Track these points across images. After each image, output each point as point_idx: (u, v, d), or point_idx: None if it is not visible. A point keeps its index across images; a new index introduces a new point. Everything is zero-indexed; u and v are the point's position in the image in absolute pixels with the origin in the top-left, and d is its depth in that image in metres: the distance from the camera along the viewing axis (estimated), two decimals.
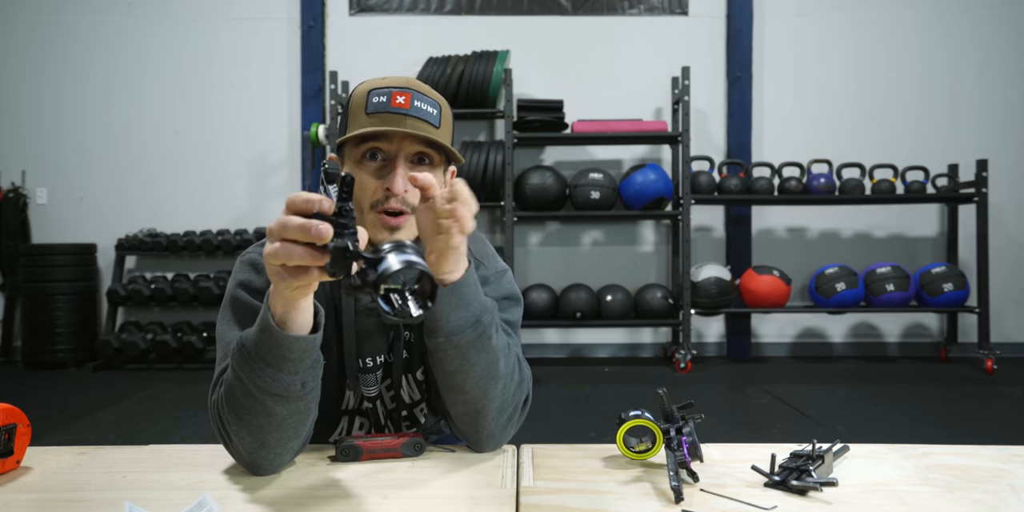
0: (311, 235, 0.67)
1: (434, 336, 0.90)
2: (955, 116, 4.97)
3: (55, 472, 0.88)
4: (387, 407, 1.08)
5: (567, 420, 3.21)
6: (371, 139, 0.97)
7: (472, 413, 0.94)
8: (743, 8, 4.91)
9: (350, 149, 0.99)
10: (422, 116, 0.97)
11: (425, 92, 1.00)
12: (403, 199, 0.97)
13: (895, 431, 3.01)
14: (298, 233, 0.68)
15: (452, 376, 0.92)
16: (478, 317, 0.91)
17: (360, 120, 0.97)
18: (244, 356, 0.81)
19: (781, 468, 0.84)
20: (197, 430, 3.03)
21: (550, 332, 4.93)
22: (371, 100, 0.97)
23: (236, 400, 0.84)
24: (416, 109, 0.97)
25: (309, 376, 0.84)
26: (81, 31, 4.98)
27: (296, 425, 0.86)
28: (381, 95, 0.97)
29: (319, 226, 0.66)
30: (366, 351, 1.04)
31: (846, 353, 4.99)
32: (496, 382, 0.94)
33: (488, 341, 0.92)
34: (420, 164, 0.99)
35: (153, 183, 5.00)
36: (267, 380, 0.81)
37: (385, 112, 0.96)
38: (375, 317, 1.04)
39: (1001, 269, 4.79)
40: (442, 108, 1.00)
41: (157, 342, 4.46)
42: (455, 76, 4.46)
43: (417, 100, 0.97)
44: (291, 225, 0.68)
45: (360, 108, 0.98)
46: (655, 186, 4.47)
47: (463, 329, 0.89)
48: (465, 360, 0.90)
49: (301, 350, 0.80)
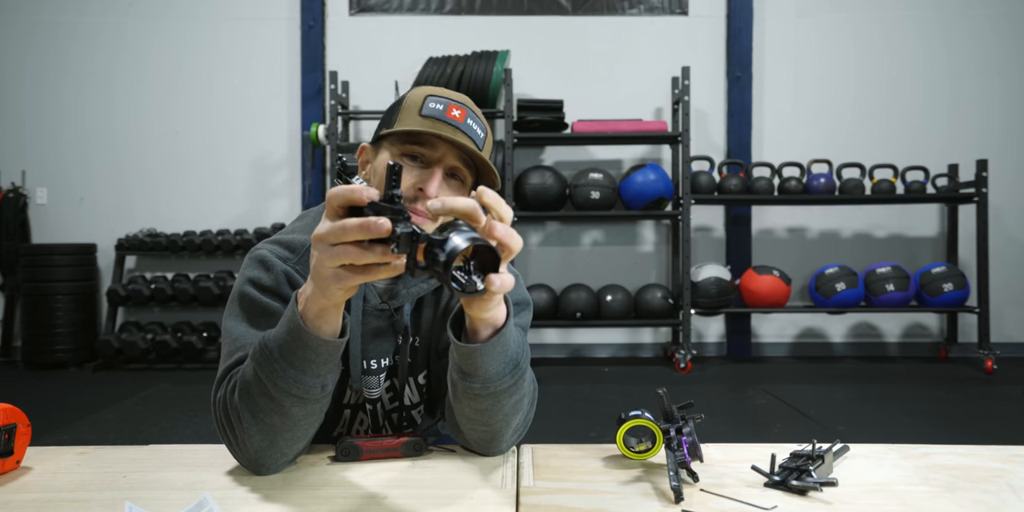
0: (372, 231, 0.66)
1: (470, 381, 0.86)
2: (955, 116, 4.97)
3: (55, 472, 0.88)
4: (386, 408, 1.08)
5: (567, 420, 3.21)
6: (416, 142, 0.97)
7: (489, 437, 0.93)
8: (743, 8, 4.91)
9: (391, 144, 0.99)
10: (471, 134, 0.97)
11: (478, 114, 1.00)
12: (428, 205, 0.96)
13: (895, 431, 3.01)
14: (359, 233, 0.67)
15: (480, 412, 0.90)
16: (516, 362, 0.89)
17: (412, 119, 0.97)
18: (267, 356, 0.81)
19: (781, 468, 0.84)
20: (197, 430, 3.03)
21: (550, 332, 4.93)
22: (428, 104, 0.97)
23: (252, 399, 0.83)
24: (467, 126, 0.97)
25: (330, 379, 0.84)
26: (81, 31, 4.98)
27: (308, 427, 0.86)
28: (439, 103, 0.97)
29: (378, 221, 0.66)
30: (372, 353, 1.04)
31: (846, 353, 4.99)
32: (520, 413, 0.93)
33: (521, 383, 0.90)
34: (452, 178, 0.99)
35: (153, 183, 5.00)
36: (289, 381, 0.81)
37: (439, 119, 0.96)
38: (385, 319, 1.04)
39: (1001, 269, 4.79)
40: (487, 134, 1.01)
41: (157, 342, 4.46)
42: (455, 76, 4.46)
43: (470, 118, 0.98)
44: (350, 227, 0.67)
45: (415, 108, 0.97)
46: (655, 186, 4.47)
47: (502, 376, 0.87)
48: (496, 401, 0.89)
49: (328, 353, 0.81)
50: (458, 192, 0.99)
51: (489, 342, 0.83)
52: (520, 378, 0.89)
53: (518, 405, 0.92)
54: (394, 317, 1.04)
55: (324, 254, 0.70)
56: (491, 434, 0.92)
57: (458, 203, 0.72)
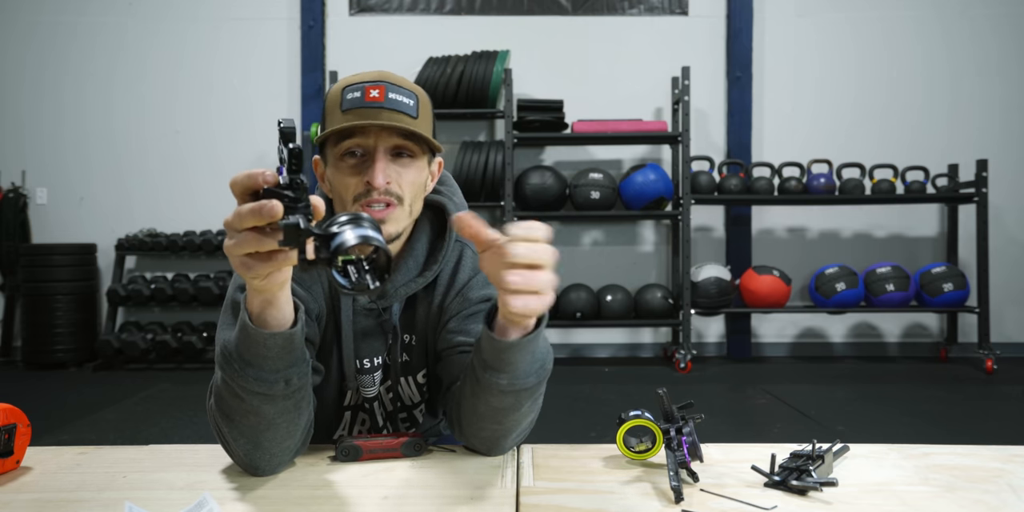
0: (264, 216, 0.63)
1: (498, 376, 0.85)
2: (955, 116, 4.97)
3: (55, 472, 0.88)
4: (387, 408, 1.08)
5: (567, 420, 3.21)
6: (348, 136, 0.95)
7: (497, 436, 0.92)
8: (743, 8, 4.91)
9: (330, 149, 0.98)
10: (398, 108, 0.95)
11: (400, 83, 0.97)
12: (387, 190, 0.95)
13: (895, 431, 3.01)
14: (252, 218, 0.64)
15: (496, 411, 0.88)
16: (543, 362, 0.88)
17: (336, 118, 0.95)
18: (226, 358, 0.81)
19: (781, 468, 0.84)
20: (197, 430, 3.03)
21: (550, 332, 4.89)
22: (345, 97, 0.95)
23: (224, 401, 0.83)
24: (391, 101, 0.94)
25: (293, 374, 0.82)
26: (81, 31, 4.98)
27: (287, 425, 0.84)
28: (355, 91, 0.95)
29: (267, 205, 0.63)
30: (364, 352, 1.04)
31: (846, 353, 4.99)
32: (532, 413, 0.93)
33: (543, 384, 0.90)
34: (400, 157, 0.97)
35: (153, 183, 5.00)
36: (250, 380, 0.80)
37: (360, 107, 0.94)
38: (374, 318, 1.03)
39: (1001, 269, 4.79)
40: (419, 98, 0.98)
41: (157, 342, 4.46)
42: (455, 76, 4.46)
43: (392, 92, 0.95)
44: (244, 212, 0.64)
45: (336, 106, 0.96)
46: (655, 186, 4.47)
47: (529, 374, 0.86)
48: (517, 399, 0.88)
49: (279, 347, 0.79)
50: (412, 167, 0.98)
51: (525, 339, 0.81)
52: (543, 379, 0.89)
53: (534, 405, 0.91)
54: (382, 316, 1.03)
55: (229, 241, 0.67)
56: (499, 433, 0.91)
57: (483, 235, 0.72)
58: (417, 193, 1.00)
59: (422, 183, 1.01)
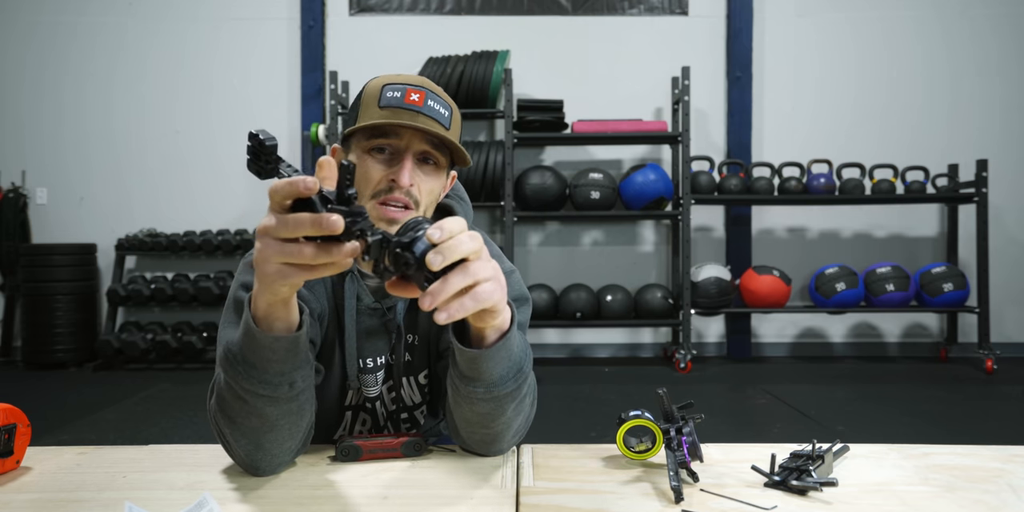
0: (325, 228, 0.62)
1: (473, 385, 0.85)
2: (955, 116, 4.97)
3: (55, 472, 0.88)
4: (388, 408, 1.08)
5: (567, 420, 3.21)
6: (380, 134, 0.96)
7: (490, 439, 0.93)
8: (743, 8, 4.91)
9: (358, 141, 0.99)
10: (434, 115, 0.96)
11: (438, 93, 0.99)
12: (408, 192, 0.95)
13: (895, 431, 3.01)
14: (312, 228, 0.63)
15: (482, 416, 0.89)
16: (520, 366, 0.88)
17: (372, 112, 0.96)
18: (230, 360, 0.80)
19: (781, 468, 0.84)
20: (197, 430, 3.03)
21: (550, 332, 4.93)
22: (385, 94, 0.96)
23: (227, 403, 0.83)
24: (429, 107, 0.96)
25: (298, 376, 0.82)
26: (81, 31, 4.98)
27: (290, 426, 0.84)
28: (396, 90, 0.96)
29: (331, 218, 0.62)
30: (367, 351, 1.04)
31: (846, 353, 4.99)
32: (521, 415, 0.93)
33: (524, 387, 0.90)
34: (425, 164, 0.98)
35: (153, 183, 5.00)
36: (254, 382, 0.80)
37: (398, 107, 0.95)
38: (378, 318, 1.04)
39: (1001, 269, 4.79)
40: (453, 111, 1.00)
41: (157, 342, 4.46)
42: (455, 76, 4.46)
43: (431, 99, 0.97)
44: (304, 221, 0.63)
45: (373, 101, 0.97)
46: (655, 186, 4.47)
47: (505, 380, 0.86)
48: (499, 405, 0.88)
49: (285, 350, 0.79)
50: (433, 175, 0.99)
51: (494, 347, 0.82)
52: (523, 382, 0.89)
53: (519, 408, 0.91)
54: (387, 316, 1.04)
55: (271, 249, 0.66)
56: (492, 436, 0.92)
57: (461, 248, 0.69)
58: (431, 202, 1.01)
59: (438, 193, 1.02)
